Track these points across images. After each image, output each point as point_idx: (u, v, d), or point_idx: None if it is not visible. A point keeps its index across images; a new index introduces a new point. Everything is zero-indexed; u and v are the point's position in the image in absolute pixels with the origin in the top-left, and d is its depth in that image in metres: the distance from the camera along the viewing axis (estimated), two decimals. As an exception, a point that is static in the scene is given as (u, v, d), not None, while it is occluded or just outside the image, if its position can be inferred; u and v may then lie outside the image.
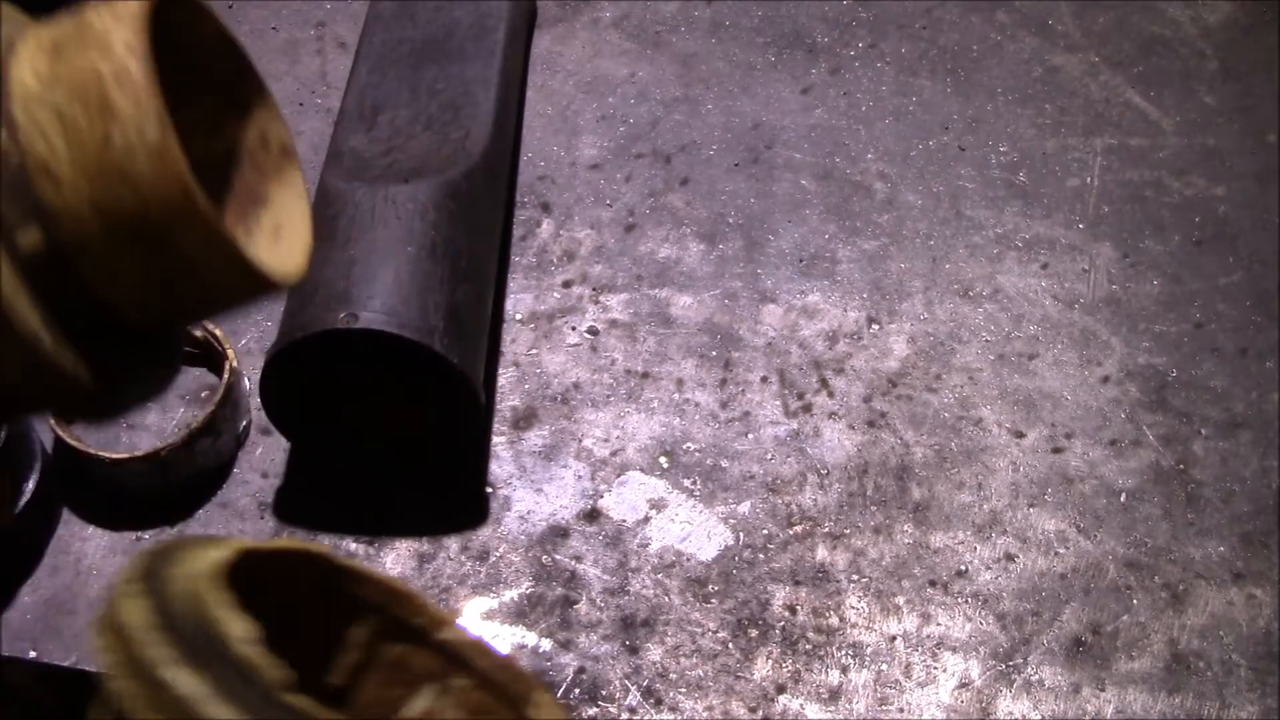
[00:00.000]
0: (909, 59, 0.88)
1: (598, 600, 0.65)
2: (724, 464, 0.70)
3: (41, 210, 0.31)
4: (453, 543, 0.67)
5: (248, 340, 0.73)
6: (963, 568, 0.67)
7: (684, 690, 0.63)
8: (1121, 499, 0.70)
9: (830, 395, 0.73)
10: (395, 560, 0.67)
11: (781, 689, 0.63)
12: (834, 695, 0.63)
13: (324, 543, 0.67)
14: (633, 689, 0.62)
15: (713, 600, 0.65)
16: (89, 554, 0.66)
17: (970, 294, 0.77)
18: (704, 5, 0.91)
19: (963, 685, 0.64)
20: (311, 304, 0.62)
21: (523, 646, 0.64)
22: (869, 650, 0.64)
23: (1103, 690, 0.64)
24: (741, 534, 0.68)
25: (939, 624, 0.65)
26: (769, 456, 0.70)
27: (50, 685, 0.65)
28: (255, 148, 0.38)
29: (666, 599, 0.65)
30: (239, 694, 0.32)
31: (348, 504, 0.68)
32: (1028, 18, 0.91)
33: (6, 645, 0.63)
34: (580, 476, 0.69)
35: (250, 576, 0.36)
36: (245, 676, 0.32)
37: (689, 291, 0.77)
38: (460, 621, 0.44)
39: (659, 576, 0.66)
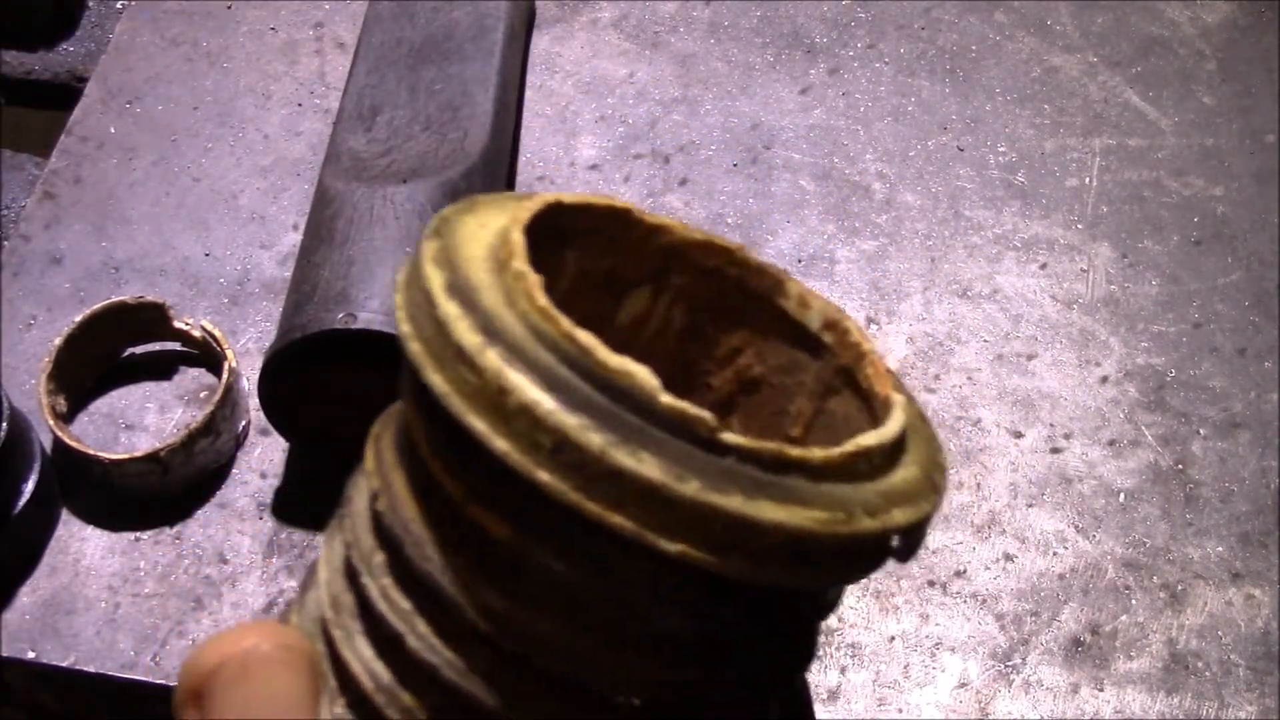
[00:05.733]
0: (907, 59, 0.88)
1: (596, 600, 0.65)
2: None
3: None
4: (451, 543, 0.67)
5: (246, 340, 0.73)
6: (961, 568, 0.67)
7: (682, 690, 0.63)
8: (1120, 499, 0.70)
9: (829, 395, 0.73)
10: (394, 561, 0.67)
11: (780, 689, 0.63)
12: (832, 695, 0.63)
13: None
14: (631, 689, 0.62)
15: (711, 600, 0.65)
16: (87, 554, 0.66)
17: (969, 294, 0.77)
18: (702, 5, 0.91)
19: (961, 685, 0.64)
20: (309, 304, 0.62)
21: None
22: (867, 650, 0.65)
23: (1101, 690, 0.64)
24: (740, 534, 0.68)
25: (937, 624, 0.65)
26: (768, 457, 0.70)
27: (49, 686, 0.65)
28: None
29: (665, 599, 0.65)
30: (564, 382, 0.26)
31: (346, 504, 0.68)
32: (1026, 18, 0.91)
33: (5, 646, 0.63)
34: (579, 477, 0.69)
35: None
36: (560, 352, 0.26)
37: (688, 292, 0.77)
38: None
39: (658, 577, 0.66)
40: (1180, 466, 0.71)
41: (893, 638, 0.65)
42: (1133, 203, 0.81)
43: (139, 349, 0.72)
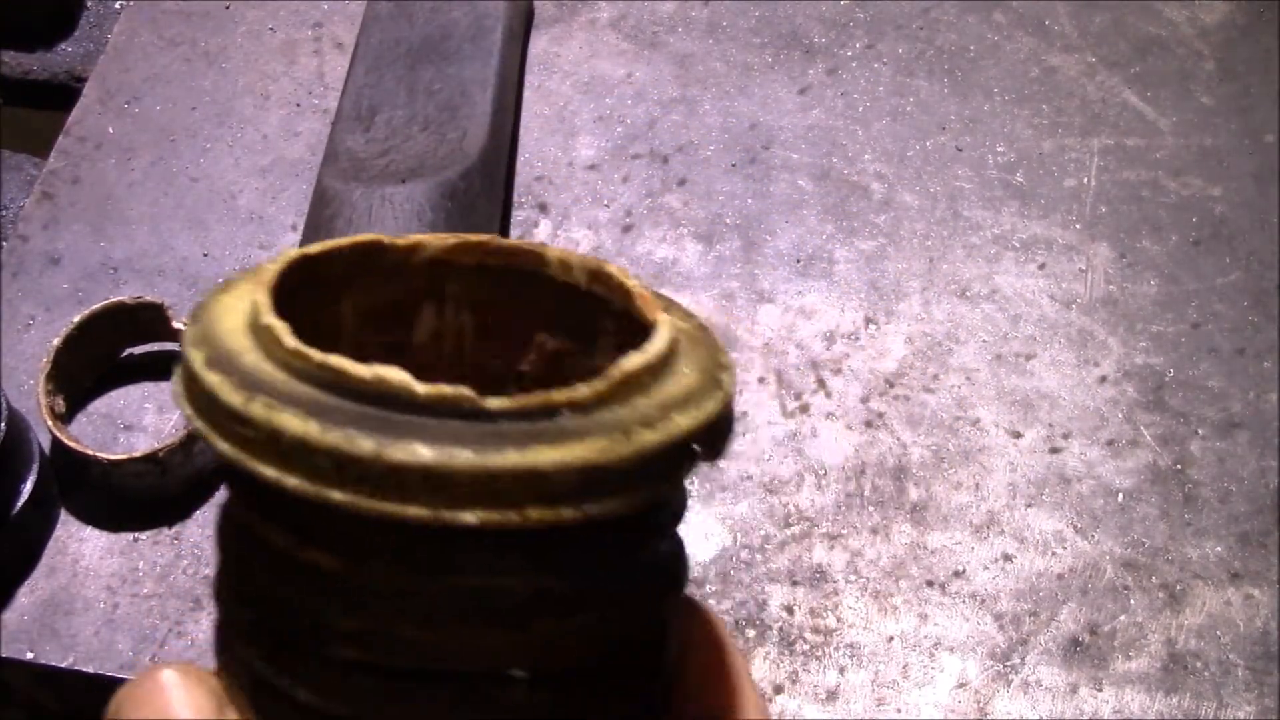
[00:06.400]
0: (906, 59, 0.88)
1: (595, 601, 0.65)
2: (721, 464, 0.70)
3: None
4: (450, 543, 0.67)
5: (245, 341, 0.73)
6: (960, 568, 0.67)
7: (681, 691, 0.63)
8: (1119, 499, 0.70)
9: (827, 396, 0.73)
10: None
11: (779, 689, 0.63)
12: (831, 695, 0.63)
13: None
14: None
15: (710, 601, 0.65)
16: (86, 555, 0.66)
17: (967, 294, 0.77)
18: (701, 6, 0.91)
19: (960, 685, 0.64)
20: (309, 305, 0.62)
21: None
22: (866, 651, 0.65)
23: (1100, 690, 0.64)
24: (739, 534, 0.68)
25: (936, 624, 0.65)
26: (766, 457, 0.70)
27: (49, 686, 0.65)
28: None
29: (664, 599, 0.65)
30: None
31: (345, 505, 0.68)
32: (1024, 18, 0.91)
33: (5, 646, 0.63)
34: (578, 477, 0.69)
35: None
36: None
37: (686, 292, 0.77)
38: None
39: (656, 577, 0.66)
40: (1179, 466, 0.71)
41: (891, 638, 0.65)
42: (1131, 203, 0.81)
43: (138, 349, 0.72)
